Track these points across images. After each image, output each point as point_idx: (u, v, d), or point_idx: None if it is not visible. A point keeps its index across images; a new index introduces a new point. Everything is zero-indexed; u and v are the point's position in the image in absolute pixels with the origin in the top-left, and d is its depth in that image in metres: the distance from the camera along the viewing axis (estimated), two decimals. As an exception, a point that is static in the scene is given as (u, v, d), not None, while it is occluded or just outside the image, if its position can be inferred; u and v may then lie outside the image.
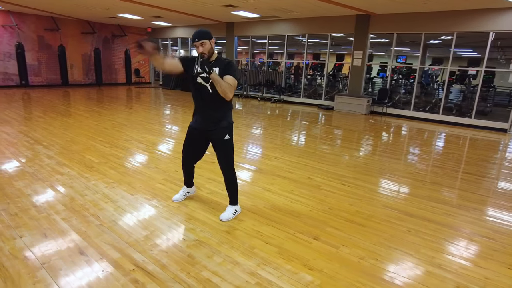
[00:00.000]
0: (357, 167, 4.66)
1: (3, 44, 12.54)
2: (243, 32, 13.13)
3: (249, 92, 13.68)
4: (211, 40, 2.61)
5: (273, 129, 7.14)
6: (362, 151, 5.61)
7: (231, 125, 2.82)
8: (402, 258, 2.45)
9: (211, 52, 2.63)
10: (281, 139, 6.20)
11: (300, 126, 7.82)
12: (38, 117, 7.30)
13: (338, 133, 7.08)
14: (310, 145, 5.83)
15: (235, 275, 2.17)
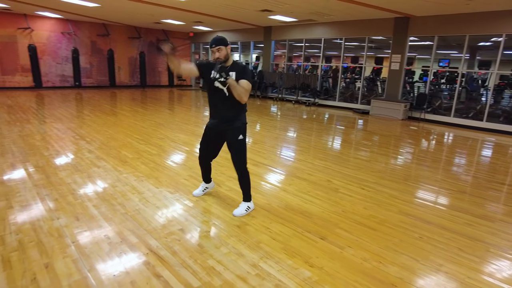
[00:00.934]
0: (381, 172, 4.60)
1: (62, 49, 13.81)
2: (280, 36, 13.28)
3: (284, 95, 13.78)
4: (226, 46, 2.81)
5: (302, 132, 7.19)
6: (391, 156, 5.49)
7: (244, 125, 2.98)
8: (406, 263, 2.44)
9: (226, 57, 2.82)
10: (307, 142, 6.25)
11: (330, 130, 7.78)
12: (86, 115, 7.99)
13: (368, 138, 6.96)
14: (336, 149, 5.82)
15: (237, 265, 2.31)
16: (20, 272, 2.14)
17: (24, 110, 8.26)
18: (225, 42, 2.80)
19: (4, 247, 2.41)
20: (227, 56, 2.81)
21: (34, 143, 5.25)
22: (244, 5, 9.32)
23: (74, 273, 2.15)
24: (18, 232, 2.63)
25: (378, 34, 10.49)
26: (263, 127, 7.56)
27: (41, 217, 2.89)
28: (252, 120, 8.51)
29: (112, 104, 10.20)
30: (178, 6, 9.95)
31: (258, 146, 5.74)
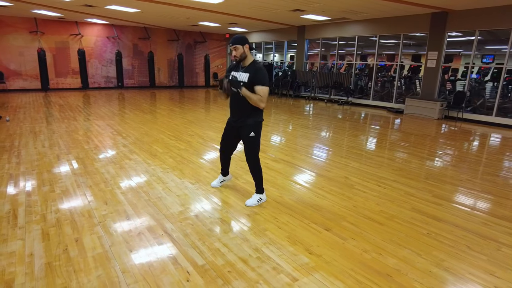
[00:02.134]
0: (402, 170, 4.56)
1: (107, 52, 14.86)
2: (314, 35, 13.27)
3: (317, 94, 13.74)
4: (244, 45, 2.96)
5: (328, 131, 7.21)
6: (415, 155, 5.37)
7: (258, 123, 3.13)
8: (406, 256, 2.48)
9: (243, 56, 2.98)
10: (333, 140, 6.27)
11: (358, 129, 7.70)
12: (125, 113, 8.61)
13: (396, 137, 6.82)
14: (360, 147, 5.80)
15: (241, 248, 2.50)
16: (55, 243, 2.49)
17: (72, 109, 9.07)
18: (243, 41, 2.93)
19: (45, 223, 2.79)
20: (243, 54, 2.96)
21: (77, 137, 5.82)
22: (276, 6, 9.48)
23: (98, 247, 2.46)
24: (57, 211, 3.02)
25: (414, 30, 10.15)
26: (290, 125, 7.67)
27: (76, 200, 3.28)
28: (281, 118, 8.65)
29: (150, 103, 10.84)
30: (213, 9, 10.34)
31: (282, 143, 5.88)
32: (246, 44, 2.97)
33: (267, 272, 2.23)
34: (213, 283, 2.10)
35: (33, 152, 4.87)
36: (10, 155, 4.70)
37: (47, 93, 12.82)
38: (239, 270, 2.24)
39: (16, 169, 4.15)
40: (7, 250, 2.40)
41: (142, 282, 2.09)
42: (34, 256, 2.33)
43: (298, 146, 5.71)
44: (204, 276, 2.17)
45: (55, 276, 2.12)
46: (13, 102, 10.09)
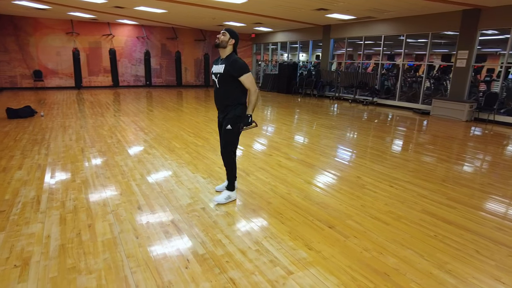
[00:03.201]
0: (418, 172, 4.44)
1: (136, 52, 15.44)
2: (339, 34, 13.10)
3: (341, 94, 13.55)
4: (231, 38, 2.95)
5: (349, 130, 7.12)
6: (435, 157, 5.20)
7: (236, 117, 3.01)
8: (408, 257, 2.45)
9: (223, 44, 2.94)
10: (350, 140, 6.20)
11: (380, 129, 7.54)
12: (149, 110, 8.94)
13: (418, 138, 6.61)
14: (379, 148, 5.69)
15: (242, 241, 2.57)
16: (70, 228, 2.68)
17: (101, 106, 9.53)
18: (233, 35, 2.96)
19: (63, 209, 3.00)
20: (224, 43, 2.92)
21: (102, 132, 6.13)
22: (299, 5, 9.47)
23: (108, 233, 2.62)
24: (75, 199, 3.23)
25: (443, 29, 9.77)
26: (310, 125, 7.65)
27: (94, 190, 3.48)
28: (302, 118, 8.63)
29: (175, 101, 11.16)
30: (237, 9, 10.48)
31: (298, 142, 5.89)
32: (233, 39, 2.97)
33: (263, 264, 2.28)
34: (210, 271, 2.19)
35: (60, 145, 5.20)
36: (40, 147, 5.04)
37: (80, 91, 13.52)
38: (236, 261, 2.31)
39: (44, 159, 4.46)
40: (28, 231, 2.61)
41: (144, 266, 2.21)
42: (50, 238, 2.52)
43: (314, 146, 5.70)
44: (203, 265, 2.25)
45: (66, 256, 2.29)
46: (49, 99, 10.75)
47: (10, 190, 3.42)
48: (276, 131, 6.85)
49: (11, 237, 2.53)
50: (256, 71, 19.55)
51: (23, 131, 6.06)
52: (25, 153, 4.71)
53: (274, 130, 6.90)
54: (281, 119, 8.38)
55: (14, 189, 3.46)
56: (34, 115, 7.65)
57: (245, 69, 2.91)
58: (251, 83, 2.95)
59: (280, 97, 13.85)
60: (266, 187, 3.72)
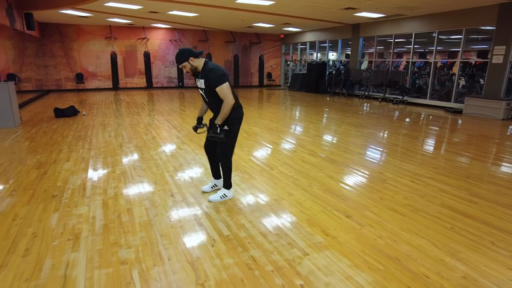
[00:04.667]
0: (442, 168, 4.45)
1: (169, 54, 16.12)
2: (368, 32, 12.98)
3: (371, 92, 13.40)
4: (188, 60, 2.84)
5: (375, 128, 7.13)
6: (462, 154, 5.14)
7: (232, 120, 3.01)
8: (421, 245, 2.56)
9: (193, 68, 2.89)
10: (376, 138, 6.23)
11: (408, 127, 7.47)
12: (181, 110, 9.39)
13: (447, 136, 6.51)
14: (405, 145, 5.69)
15: (263, 225, 2.80)
16: (112, 211, 3.04)
17: (137, 106, 10.13)
18: (185, 58, 2.85)
19: (105, 195, 3.38)
20: (193, 67, 2.88)
21: (138, 130, 6.60)
22: (327, 5, 9.55)
23: (144, 216, 2.95)
24: (115, 187, 3.61)
25: (478, 24, 9.45)
26: (336, 123, 7.73)
27: (131, 179, 3.85)
28: (329, 116, 8.72)
29: (205, 101, 11.60)
30: (265, 11, 10.73)
31: (323, 140, 6.02)
32: (190, 57, 2.86)
33: (282, 246, 2.50)
34: (234, 250, 2.43)
35: (101, 141, 5.69)
36: (84, 142, 5.55)
37: (117, 92, 14.36)
38: (258, 242, 2.54)
39: (88, 153, 4.93)
40: (77, 212, 2.99)
41: (175, 244, 2.50)
42: (95, 219, 2.88)
43: (339, 143, 5.81)
44: (227, 244, 2.51)
45: (109, 234, 2.63)
46: (90, 100, 11.56)
47: (61, 179, 3.87)
48: (302, 129, 7.01)
49: (64, 216, 2.92)
50: (284, 71, 19.70)
51: (68, 129, 6.66)
52: (71, 148, 5.23)
53: (300, 128, 7.06)
54: (308, 117, 8.52)
55: (64, 177, 3.91)
56: (77, 114, 8.32)
57: (218, 80, 2.80)
58: (225, 94, 2.83)
59: (308, 96, 13.94)
60: (289, 180, 3.92)
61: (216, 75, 2.82)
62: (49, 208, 3.09)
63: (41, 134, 6.13)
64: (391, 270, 2.23)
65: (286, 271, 2.19)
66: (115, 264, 2.24)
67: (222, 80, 2.82)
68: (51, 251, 2.39)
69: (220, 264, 2.26)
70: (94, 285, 2.03)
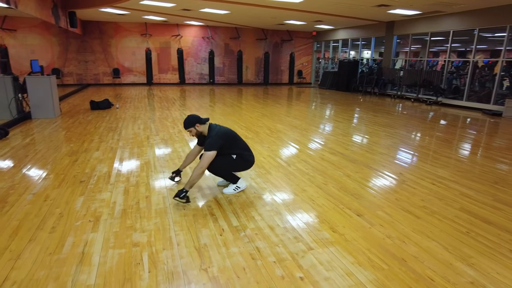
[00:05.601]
0: (468, 172, 4.26)
1: (201, 51, 16.49)
2: (403, 30, 12.55)
3: (404, 92, 12.95)
4: (195, 126, 3.18)
5: (401, 128, 6.91)
6: (495, 159, 4.87)
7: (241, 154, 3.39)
8: (431, 247, 2.50)
9: (199, 133, 3.25)
10: (402, 138, 6.05)
11: (438, 129, 7.17)
12: (210, 106, 9.62)
13: (480, 139, 6.18)
14: (431, 147, 5.50)
15: (272, 219, 2.86)
16: (131, 197, 3.23)
17: (168, 101, 10.50)
18: (191, 123, 3.18)
19: (128, 183, 3.59)
20: (198, 133, 3.23)
21: (166, 123, 6.87)
22: (359, 2, 9.35)
23: (161, 203, 3.11)
24: (138, 176, 3.82)
25: (523, 22, 8.84)
26: (363, 123, 7.59)
27: (154, 170, 4.05)
28: (356, 116, 8.57)
29: (234, 98, 11.79)
30: (296, 8, 10.69)
31: (346, 138, 5.95)
32: (196, 124, 3.19)
33: (288, 239, 2.55)
34: (240, 240, 2.52)
35: (130, 132, 5.99)
36: (114, 134, 5.88)
37: (150, 87, 14.93)
38: (264, 234, 2.61)
39: (116, 144, 5.22)
40: (100, 197, 3.21)
41: (186, 231, 2.63)
42: (116, 204, 3.08)
43: (363, 142, 5.72)
44: (235, 234, 2.60)
45: (126, 218, 2.81)
46: (124, 94, 12.12)
47: (89, 166, 4.15)
48: (327, 127, 6.96)
49: (88, 200, 3.15)
50: (315, 69, 19.49)
51: (101, 120, 7.07)
52: (102, 138, 5.56)
53: (325, 127, 7.01)
54: (335, 116, 8.42)
55: (92, 165, 4.18)
56: (111, 107, 8.78)
57: (210, 146, 3.06)
58: (204, 160, 3.02)
59: (339, 94, 13.72)
60: (304, 176, 3.94)
61: (211, 142, 3.08)
62: (76, 192, 3.34)
63: (76, 125, 6.56)
64: (395, 270, 2.21)
65: (288, 263, 2.24)
66: (128, 245, 2.40)
67: (212, 148, 3.05)
68: (73, 230, 2.60)
69: (226, 252, 2.35)
70: (107, 262, 2.20)
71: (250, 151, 3.50)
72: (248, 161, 3.46)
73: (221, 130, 3.24)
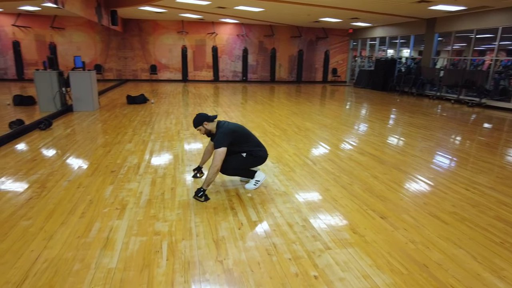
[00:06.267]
0: (509, 179, 3.98)
1: (236, 49, 16.65)
2: (445, 27, 11.90)
3: (443, 93, 12.29)
4: (203, 124, 3.20)
5: (439, 131, 6.57)
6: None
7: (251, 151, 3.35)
8: (458, 256, 2.37)
9: (208, 131, 3.25)
10: (437, 140, 5.76)
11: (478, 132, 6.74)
12: (240, 103, 9.71)
13: (527, 146, 5.73)
14: (469, 151, 5.18)
15: (291, 216, 2.85)
16: (158, 188, 3.35)
17: (201, 97, 10.73)
18: (200, 122, 3.20)
19: (155, 175, 3.73)
20: (207, 131, 3.24)
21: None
22: (397, -2, 9.01)
23: (185, 195, 3.20)
24: (165, 168, 3.95)
25: None
26: (398, 123, 7.31)
27: (181, 163, 4.17)
28: (391, 116, 8.27)
29: (265, 96, 11.81)
30: (332, 5, 10.49)
31: (377, 139, 5.76)
32: (205, 122, 3.20)
33: (306, 237, 2.52)
34: (258, 235, 2.53)
35: (162, 127, 6.20)
36: (147, 127, 6.11)
37: (185, 84, 15.33)
38: (282, 231, 2.60)
39: (148, 137, 5.43)
40: (128, 187, 3.37)
41: (206, 223, 2.68)
42: (142, 194, 3.21)
43: (395, 144, 5.52)
44: (253, 229, 2.62)
45: (150, 208, 2.93)
46: (160, 90, 12.55)
47: (121, 157, 4.35)
48: (359, 127, 6.78)
49: (116, 189, 3.31)
50: (351, 67, 19.03)
51: (136, 114, 7.38)
52: (135, 131, 5.80)
53: (357, 126, 6.84)
54: (368, 116, 8.19)
55: (124, 156, 4.39)
56: (147, 102, 9.13)
57: (218, 144, 3.06)
58: (216, 158, 3.02)
59: (374, 94, 13.31)
60: (329, 176, 3.88)
61: (219, 138, 3.08)
62: (106, 181, 3.52)
63: (112, 118, 6.90)
64: (415, 275, 2.13)
65: (303, 261, 2.22)
66: (149, 234, 2.50)
67: (221, 144, 3.04)
68: (101, 216, 2.75)
69: (242, 245, 2.38)
70: (128, 248, 2.31)
71: (261, 146, 3.46)
72: (259, 157, 3.40)
73: (229, 127, 3.21)
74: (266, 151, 3.48)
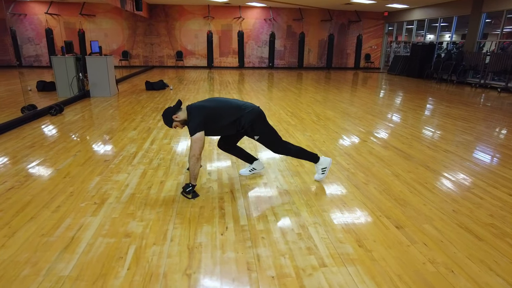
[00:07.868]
0: None
1: (263, 34, 16.09)
2: (495, 6, 10.62)
3: (489, 81, 11.08)
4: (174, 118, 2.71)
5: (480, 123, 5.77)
6: None
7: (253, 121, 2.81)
8: (491, 285, 1.85)
9: (183, 122, 2.75)
10: (476, 133, 5.02)
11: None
12: (262, 90, 9.27)
13: None
14: (515, 148, 4.45)
15: (287, 221, 2.43)
16: (146, 181, 3.06)
17: (222, 84, 10.40)
18: (169, 120, 2.75)
19: (149, 166, 3.44)
20: (182, 121, 2.74)
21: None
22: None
23: (173, 190, 2.88)
24: (161, 159, 3.66)
25: None
26: (431, 113, 6.56)
27: (181, 153, 3.86)
28: (423, 105, 7.49)
29: (289, 83, 11.26)
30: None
31: (406, 130, 5.13)
32: (173, 116, 2.72)
33: (298, 249, 2.11)
34: (241, 242, 2.15)
35: (173, 113, 5.93)
36: (157, 114, 5.87)
37: (210, 70, 15.07)
38: (272, 239, 2.20)
39: (155, 124, 5.18)
40: (116, 179, 3.10)
41: (186, 225, 2.34)
42: (127, 187, 2.93)
43: (425, 137, 4.87)
44: (238, 235, 2.24)
45: (131, 204, 2.63)
46: (184, 76, 12.36)
47: (120, 145, 4.12)
48: (386, 117, 6.14)
49: (103, 180, 3.06)
50: (386, 53, 17.83)
51: (151, 101, 7.18)
52: (143, 118, 5.58)
53: (385, 116, 6.19)
54: (399, 105, 7.46)
55: (123, 144, 4.15)
56: (165, 88, 8.94)
57: (192, 130, 2.66)
58: (192, 146, 2.63)
59: (409, 81, 12.32)
60: (342, 173, 3.40)
61: (191, 126, 2.67)
62: (95, 171, 3.28)
63: (126, 104, 6.74)
64: (430, 310, 1.65)
65: (288, 282, 1.82)
66: (119, 235, 2.20)
67: (194, 131, 2.64)
68: (75, 212, 2.49)
69: (220, 256, 2.01)
70: (91, 251, 2.02)
71: (248, 106, 2.83)
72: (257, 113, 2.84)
73: (194, 107, 2.73)
74: (255, 107, 2.86)
